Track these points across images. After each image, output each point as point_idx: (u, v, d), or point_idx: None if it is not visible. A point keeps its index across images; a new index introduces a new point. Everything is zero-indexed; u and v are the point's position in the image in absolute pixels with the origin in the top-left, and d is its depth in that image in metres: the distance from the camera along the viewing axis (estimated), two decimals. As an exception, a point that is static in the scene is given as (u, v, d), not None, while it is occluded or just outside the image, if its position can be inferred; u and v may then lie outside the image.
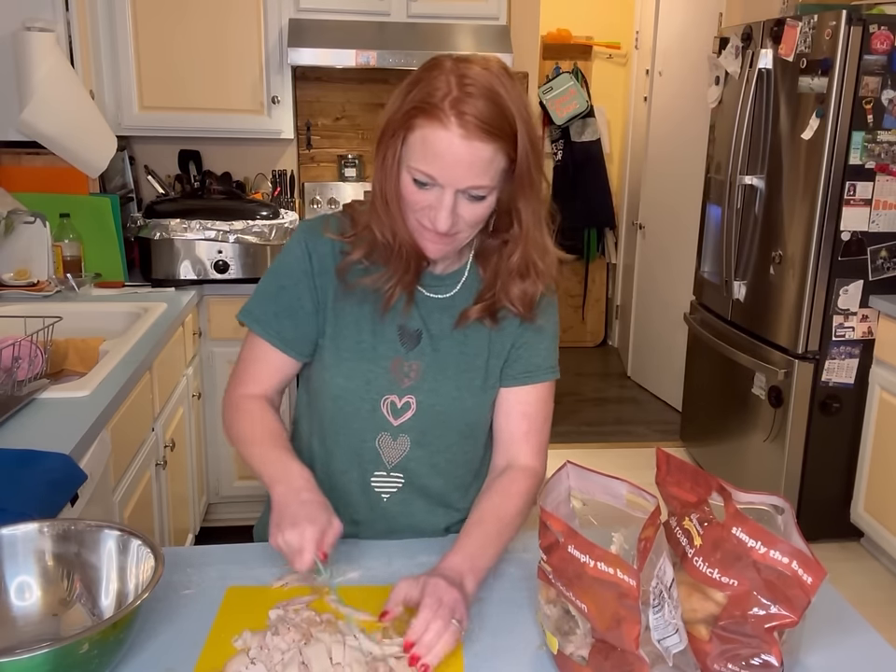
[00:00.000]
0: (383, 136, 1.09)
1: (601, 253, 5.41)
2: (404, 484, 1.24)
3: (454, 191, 1.04)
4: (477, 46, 3.00)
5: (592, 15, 5.13)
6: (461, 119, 1.00)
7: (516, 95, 1.05)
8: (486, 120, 1.01)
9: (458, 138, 1.01)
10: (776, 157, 3.02)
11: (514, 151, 1.05)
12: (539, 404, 1.25)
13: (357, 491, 1.24)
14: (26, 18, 2.44)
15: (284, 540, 1.01)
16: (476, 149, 1.02)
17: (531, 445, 1.24)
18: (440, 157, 1.02)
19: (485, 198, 1.07)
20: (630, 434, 4.14)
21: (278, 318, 1.20)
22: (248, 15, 2.98)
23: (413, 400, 1.20)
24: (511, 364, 1.23)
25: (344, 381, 1.19)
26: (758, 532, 0.88)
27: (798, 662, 0.97)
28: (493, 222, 1.16)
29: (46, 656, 0.82)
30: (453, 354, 1.20)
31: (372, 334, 1.19)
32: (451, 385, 1.20)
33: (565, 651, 0.93)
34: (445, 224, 1.06)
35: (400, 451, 1.22)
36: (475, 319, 1.20)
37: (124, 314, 2.44)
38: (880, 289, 2.88)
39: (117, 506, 1.83)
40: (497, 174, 1.06)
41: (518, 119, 1.04)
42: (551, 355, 1.26)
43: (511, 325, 1.22)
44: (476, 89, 1.01)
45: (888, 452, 2.84)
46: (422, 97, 1.03)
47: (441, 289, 1.21)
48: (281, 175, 3.35)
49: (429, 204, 1.06)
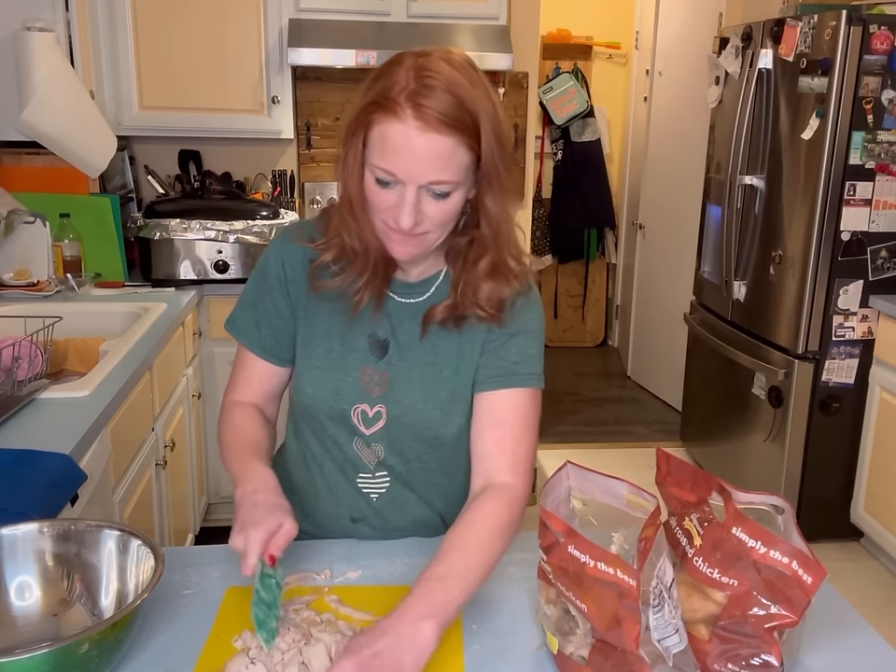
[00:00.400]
0: (345, 137, 1.06)
1: (601, 253, 5.41)
2: (391, 484, 1.23)
3: (415, 188, 1.01)
4: (477, 46, 3.00)
5: (592, 15, 5.14)
6: (417, 110, 0.97)
7: (480, 88, 1.02)
8: (444, 112, 0.97)
9: (415, 130, 0.97)
10: (776, 157, 3.02)
11: (478, 145, 1.01)
12: (512, 412, 1.15)
13: (349, 491, 1.24)
14: (26, 18, 2.44)
15: (231, 545, 0.98)
16: (434, 142, 0.98)
17: (505, 458, 1.13)
18: (397, 151, 0.99)
19: (450, 195, 1.03)
20: (630, 434, 4.14)
21: (258, 326, 1.22)
22: (248, 15, 2.98)
23: (384, 410, 1.18)
24: (480, 369, 1.17)
25: (313, 390, 1.18)
26: (758, 532, 0.88)
27: (798, 662, 0.97)
28: (462, 222, 1.12)
29: (46, 656, 0.82)
30: (419, 365, 1.17)
31: (342, 343, 1.18)
32: (417, 397, 1.17)
33: (565, 650, 0.94)
34: (408, 221, 1.02)
35: (377, 457, 1.21)
36: (439, 322, 1.16)
37: (124, 314, 2.44)
38: (880, 289, 2.88)
39: (117, 506, 1.83)
40: (460, 169, 1.01)
41: (481, 111, 1.00)
42: (528, 359, 1.17)
43: (479, 330, 1.17)
44: (435, 81, 0.98)
45: (888, 452, 2.84)
46: (379, 92, 1.00)
47: (412, 294, 1.19)
48: (281, 175, 3.35)
49: (393, 204, 1.03)
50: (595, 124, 5.12)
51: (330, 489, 1.25)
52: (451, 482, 1.26)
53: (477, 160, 1.03)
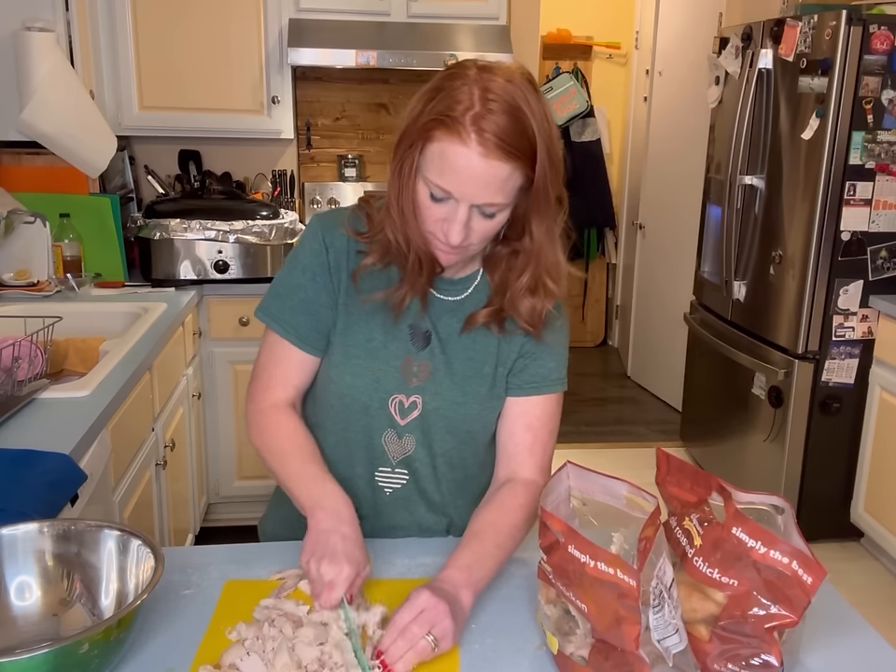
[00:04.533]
0: (400, 144, 1.07)
1: (601, 253, 5.41)
2: (408, 481, 1.24)
3: (468, 206, 1.04)
4: (477, 46, 3.00)
5: (592, 15, 5.14)
6: (481, 136, 0.99)
7: (539, 111, 1.03)
8: (506, 139, 0.99)
9: (477, 156, 0.99)
10: (776, 157, 3.02)
11: (532, 170, 1.04)
12: (544, 417, 1.23)
13: (361, 485, 1.24)
14: (26, 18, 2.44)
15: (319, 571, 0.99)
16: (494, 168, 1.00)
17: (535, 460, 1.21)
18: (457, 173, 1.01)
19: (498, 214, 1.07)
20: (630, 434, 4.14)
21: (294, 314, 1.19)
22: (248, 15, 2.98)
23: (420, 400, 1.19)
24: (517, 374, 1.22)
25: (352, 379, 1.18)
26: (758, 532, 0.88)
27: (798, 662, 0.97)
28: (503, 231, 1.15)
29: (46, 656, 0.82)
30: (460, 359, 1.19)
31: (384, 332, 1.18)
32: (457, 391, 1.19)
33: (565, 651, 0.94)
34: (458, 238, 1.05)
35: (405, 449, 1.22)
36: (482, 325, 1.19)
37: (124, 314, 2.44)
38: (880, 289, 2.88)
39: (117, 506, 1.83)
40: (513, 191, 1.05)
41: (539, 136, 1.02)
42: (559, 367, 1.24)
43: (519, 334, 1.21)
44: (498, 105, 0.99)
45: (888, 452, 2.84)
46: (442, 109, 1.01)
47: (451, 292, 1.21)
48: (281, 175, 3.35)
49: (443, 217, 1.06)
50: (594, 124, 5.11)
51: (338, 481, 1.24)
52: (468, 485, 1.27)
53: (529, 182, 1.06)
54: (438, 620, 0.94)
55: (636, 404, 4.58)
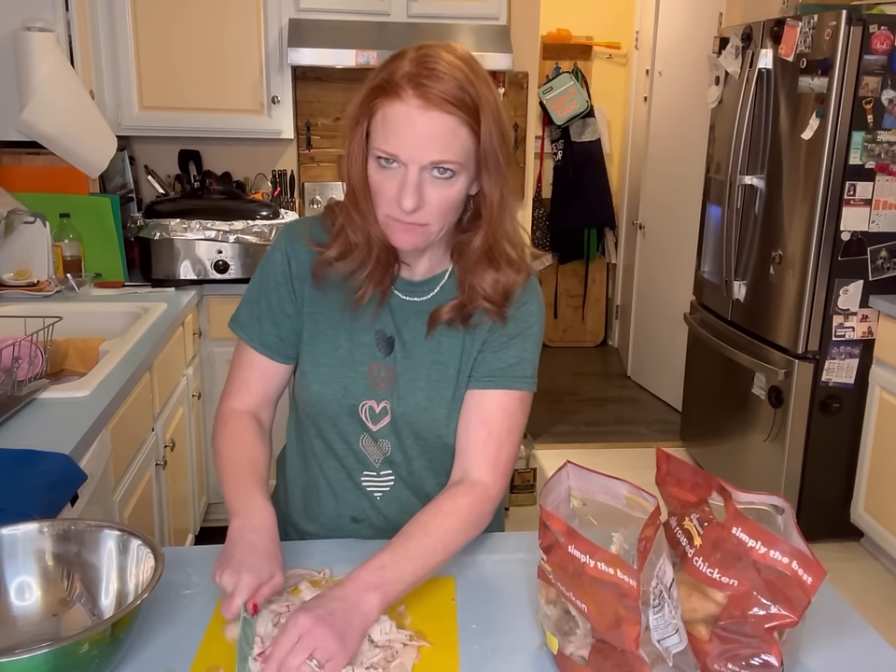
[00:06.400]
0: (348, 128, 1.08)
1: (601, 253, 5.41)
2: (395, 483, 1.23)
3: (417, 168, 1.01)
4: (477, 46, 3.00)
5: (592, 15, 5.14)
6: (419, 90, 0.99)
7: (482, 77, 1.03)
8: (445, 91, 0.99)
9: (416, 109, 0.99)
10: (776, 157, 3.02)
11: (478, 127, 1.02)
12: (502, 414, 1.16)
13: (351, 489, 1.24)
14: (26, 18, 2.44)
15: (220, 581, 0.99)
16: (435, 119, 0.99)
17: (487, 458, 1.14)
18: (398, 131, 1.00)
19: (452, 179, 1.03)
20: (630, 434, 4.14)
21: (260, 323, 1.21)
22: (248, 15, 2.98)
23: (389, 406, 1.18)
24: (476, 367, 1.17)
25: (320, 386, 1.18)
26: (758, 532, 0.88)
27: (798, 662, 0.97)
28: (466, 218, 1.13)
29: (46, 656, 0.82)
30: (425, 363, 1.17)
31: (350, 340, 1.18)
32: (421, 395, 1.17)
33: (565, 651, 0.93)
34: (411, 202, 1.02)
35: (384, 453, 1.21)
36: (447, 321, 1.16)
37: (124, 314, 2.44)
38: (880, 289, 2.88)
39: (117, 506, 1.83)
40: (462, 150, 1.02)
41: (482, 96, 1.01)
42: (523, 363, 1.17)
43: (483, 329, 1.17)
44: (437, 64, 1.00)
45: (888, 452, 2.84)
46: (380, 80, 1.02)
47: (417, 293, 1.19)
48: (281, 175, 3.35)
49: (396, 190, 1.03)
50: (594, 124, 5.12)
51: (332, 489, 1.24)
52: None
53: (478, 143, 1.03)
54: (317, 643, 0.88)
55: (636, 404, 4.58)
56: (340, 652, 0.89)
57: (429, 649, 0.98)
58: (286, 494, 1.32)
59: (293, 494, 1.30)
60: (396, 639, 0.97)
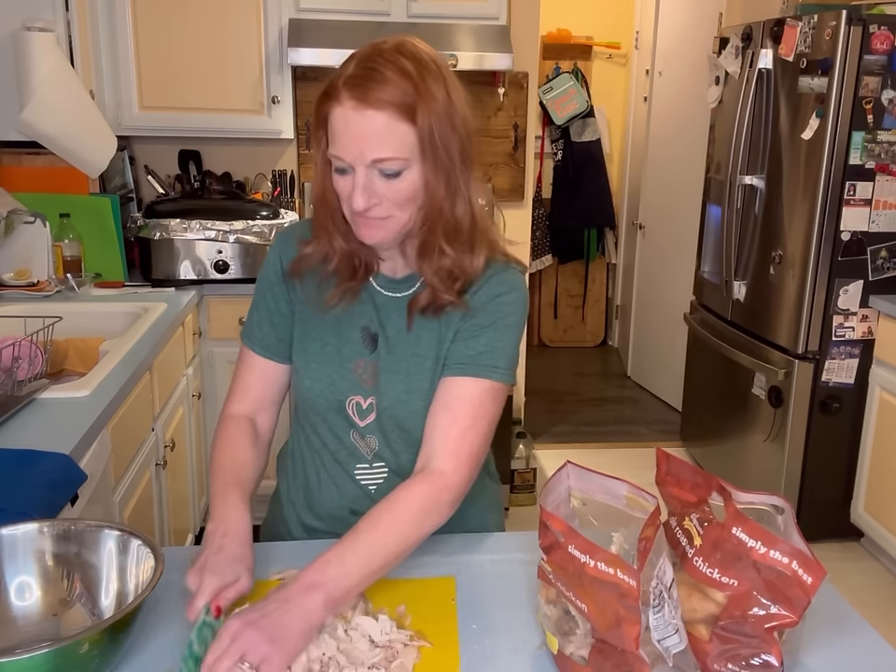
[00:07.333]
0: (312, 139, 1.10)
1: (601, 253, 5.41)
2: (388, 475, 1.24)
3: (363, 169, 1.03)
4: (477, 46, 3.00)
5: (592, 15, 5.14)
6: (353, 91, 1.01)
7: (429, 71, 1.04)
8: (377, 89, 1.00)
9: (351, 111, 1.01)
10: (776, 157, 3.02)
11: (414, 120, 1.02)
12: (468, 400, 1.14)
13: (348, 482, 1.25)
14: (26, 18, 2.44)
15: (187, 581, 1.00)
16: (368, 118, 1.01)
17: (449, 445, 1.12)
18: (341, 135, 1.03)
19: (401, 174, 1.04)
20: (630, 434, 4.14)
21: (260, 326, 1.25)
22: (248, 15, 2.98)
23: (374, 401, 1.20)
24: (448, 356, 1.17)
25: (310, 383, 1.21)
26: (758, 532, 0.88)
27: (798, 662, 0.97)
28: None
29: (46, 656, 0.82)
30: (406, 356, 1.19)
31: (337, 337, 1.20)
32: (400, 388, 1.19)
33: (565, 651, 0.93)
34: (360, 203, 1.04)
35: (372, 448, 1.23)
36: (421, 311, 1.17)
37: (124, 314, 2.44)
38: (880, 289, 2.89)
39: (117, 506, 1.83)
40: (402, 145, 1.03)
41: (421, 92, 1.02)
42: (494, 352, 1.15)
43: (454, 318, 1.17)
44: (375, 64, 1.01)
45: (888, 452, 2.84)
46: (328, 83, 1.04)
47: (399, 289, 1.21)
48: (281, 175, 3.35)
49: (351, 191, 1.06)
50: (594, 124, 5.12)
51: (332, 482, 1.25)
52: None
53: (419, 136, 1.04)
54: (249, 647, 0.87)
55: (636, 404, 4.58)
56: (274, 654, 0.88)
57: (430, 649, 0.98)
58: (287, 490, 1.32)
59: (295, 489, 1.31)
60: (396, 639, 0.98)
